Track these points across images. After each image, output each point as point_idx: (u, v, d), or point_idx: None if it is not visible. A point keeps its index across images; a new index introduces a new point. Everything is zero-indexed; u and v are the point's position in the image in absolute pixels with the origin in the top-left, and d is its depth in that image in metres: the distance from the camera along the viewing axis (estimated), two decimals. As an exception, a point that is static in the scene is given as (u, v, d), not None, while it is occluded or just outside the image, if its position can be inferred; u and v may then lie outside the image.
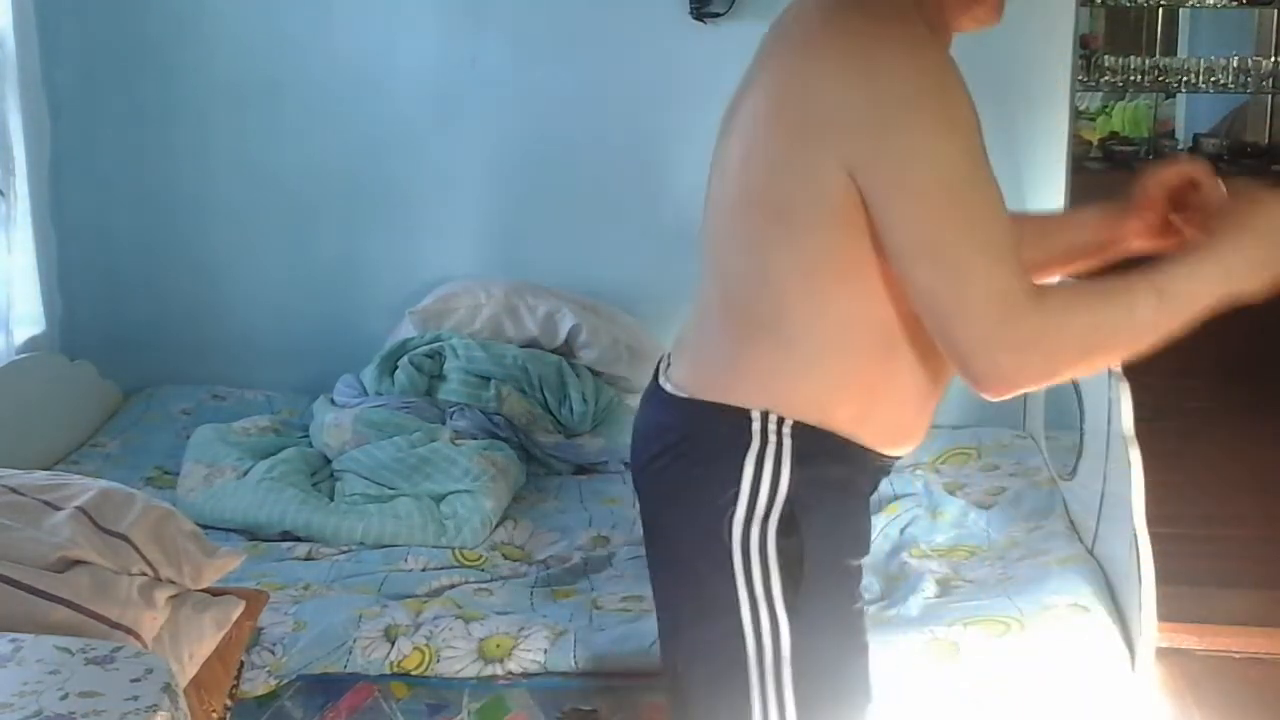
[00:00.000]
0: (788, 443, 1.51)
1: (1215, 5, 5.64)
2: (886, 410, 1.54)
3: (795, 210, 1.47)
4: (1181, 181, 1.65)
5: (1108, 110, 6.02)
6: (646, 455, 1.64)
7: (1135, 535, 2.29)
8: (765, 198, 1.50)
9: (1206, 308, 1.45)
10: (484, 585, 2.58)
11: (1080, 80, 4.64)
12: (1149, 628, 2.24)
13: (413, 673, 2.25)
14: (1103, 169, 5.56)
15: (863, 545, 1.60)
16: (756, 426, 1.51)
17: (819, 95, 1.44)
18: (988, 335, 1.38)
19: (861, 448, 1.54)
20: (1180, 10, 5.81)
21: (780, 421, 1.51)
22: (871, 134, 1.40)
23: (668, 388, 1.63)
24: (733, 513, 1.51)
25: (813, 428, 1.51)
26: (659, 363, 1.71)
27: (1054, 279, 1.73)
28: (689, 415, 1.58)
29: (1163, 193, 1.67)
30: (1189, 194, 1.64)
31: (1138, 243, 1.70)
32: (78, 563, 1.80)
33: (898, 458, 1.61)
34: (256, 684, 2.21)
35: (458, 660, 2.25)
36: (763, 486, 1.51)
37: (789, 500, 1.51)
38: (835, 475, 1.54)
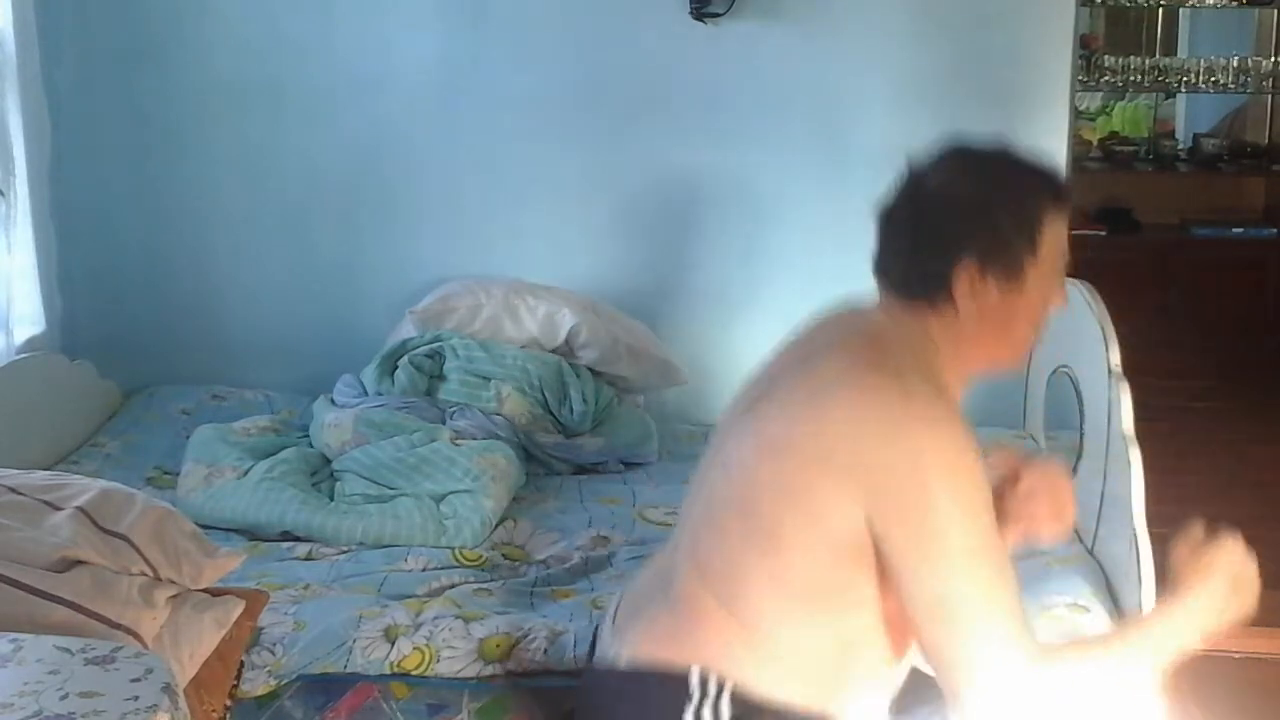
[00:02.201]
0: (726, 708, 1.60)
1: (1215, 5, 5.63)
2: (836, 704, 1.63)
3: (793, 534, 1.56)
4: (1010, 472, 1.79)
5: (1108, 110, 6.02)
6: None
7: (1135, 535, 2.29)
8: (764, 513, 1.58)
9: (1175, 657, 1.62)
10: (484, 585, 2.58)
11: (1080, 80, 4.64)
12: (1149, 628, 2.24)
13: (413, 673, 2.25)
14: (1103, 169, 5.57)
15: None
16: (695, 685, 1.60)
17: (845, 442, 1.53)
18: (985, 693, 1.50)
19: (804, 714, 1.61)
20: (1180, 10, 5.80)
21: (721, 684, 1.60)
22: (903, 493, 1.50)
23: (615, 665, 1.71)
24: None
25: (752, 698, 1.60)
26: (602, 626, 1.81)
27: None
28: (632, 682, 1.67)
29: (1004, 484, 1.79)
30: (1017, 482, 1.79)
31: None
32: (78, 563, 1.80)
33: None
34: (256, 684, 2.21)
35: (458, 660, 2.25)
36: None
37: None
38: None
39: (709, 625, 1.63)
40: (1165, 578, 1.73)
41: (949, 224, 1.59)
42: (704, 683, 1.60)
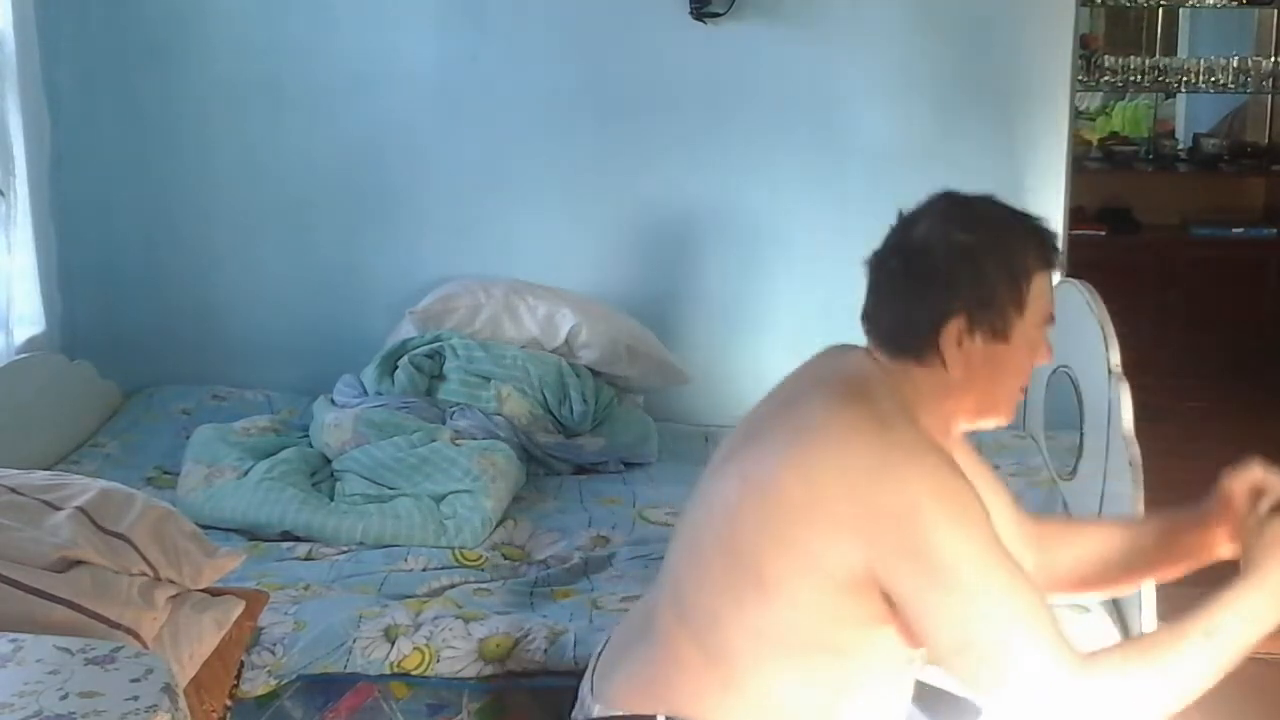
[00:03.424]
0: None
1: (1215, 5, 5.63)
2: (814, 713, 1.59)
3: (780, 582, 1.53)
4: (1255, 487, 1.69)
5: (1108, 110, 6.02)
6: None
7: (1135, 535, 2.29)
8: (748, 554, 1.56)
9: (1256, 639, 1.51)
10: (484, 585, 2.58)
11: (1080, 80, 4.64)
12: (1149, 628, 2.24)
13: (413, 673, 2.25)
14: (1103, 169, 5.57)
15: None
16: None
17: (834, 488, 1.50)
18: (1035, 712, 1.46)
19: None
20: (1180, 10, 5.80)
21: None
22: (903, 535, 1.47)
23: (591, 715, 1.69)
24: None
25: None
26: (583, 682, 1.78)
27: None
28: None
29: (1243, 498, 1.70)
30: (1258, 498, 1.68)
31: (1227, 549, 1.75)
32: (78, 563, 1.80)
33: None
34: (256, 684, 2.21)
35: (458, 660, 2.25)
36: None
37: None
38: None
39: (683, 668, 1.61)
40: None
41: (938, 277, 1.58)
42: None
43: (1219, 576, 1.55)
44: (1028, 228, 1.63)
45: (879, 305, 1.65)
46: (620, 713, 1.65)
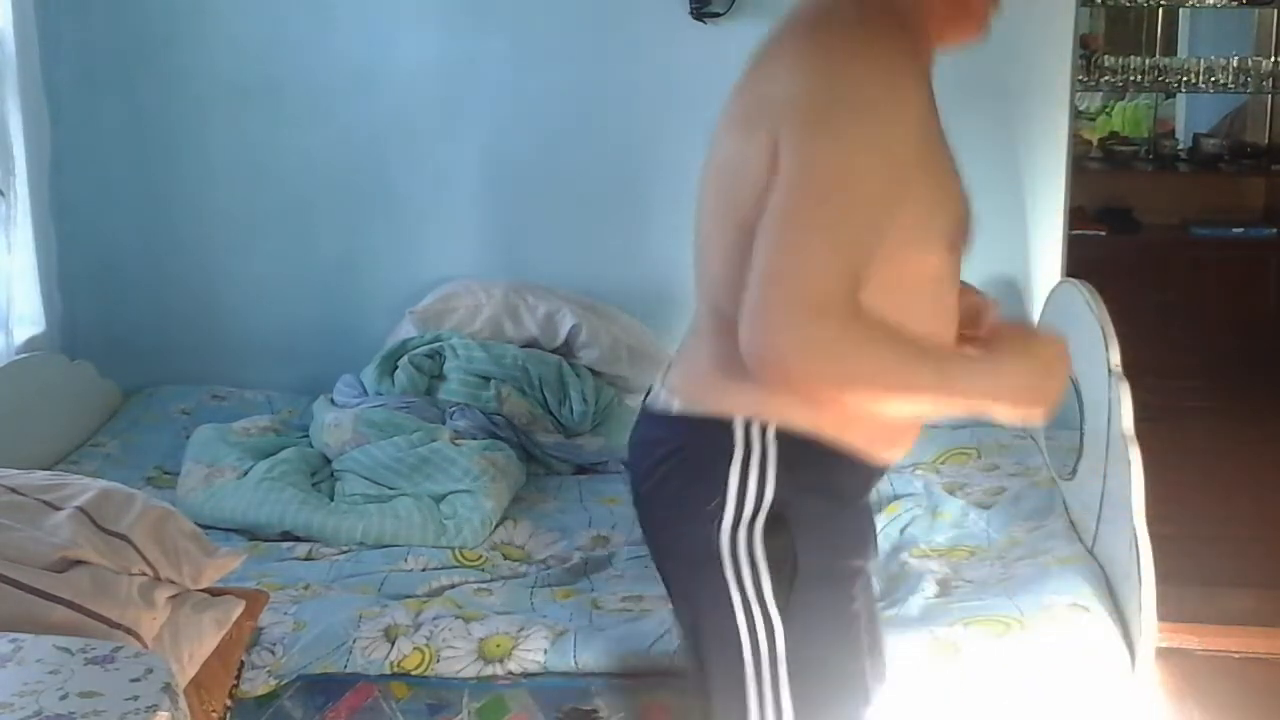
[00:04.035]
0: (772, 449, 1.52)
1: (1215, 5, 5.63)
2: (873, 415, 1.53)
3: (747, 209, 1.45)
4: (970, 309, 1.68)
5: (1108, 110, 6.02)
6: (640, 470, 1.66)
7: (1135, 535, 2.29)
8: (731, 201, 1.51)
9: (967, 406, 1.49)
10: (484, 585, 2.58)
11: (1080, 80, 4.63)
12: (1149, 627, 2.24)
13: (413, 673, 2.25)
14: (1103, 169, 5.56)
15: (862, 547, 1.61)
16: (740, 435, 1.52)
17: (767, 89, 1.48)
18: (784, 318, 1.36)
19: (849, 452, 1.55)
20: (1180, 10, 5.80)
21: (764, 428, 1.52)
22: (795, 125, 1.41)
23: (657, 403, 1.64)
24: (720, 519, 1.52)
25: (797, 434, 1.52)
26: (662, 371, 1.71)
27: None
28: (675, 430, 1.59)
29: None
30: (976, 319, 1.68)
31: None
32: (78, 563, 1.81)
33: (889, 463, 1.62)
34: (256, 684, 2.21)
35: (458, 660, 2.25)
36: (749, 493, 1.52)
37: (776, 504, 1.52)
38: (822, 479, 1.55)
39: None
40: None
41: None
42: (747, 427, 1.51)
43: (1219, 578, 1.55)
44: None
45: None
46: (694, 409, 1.56)
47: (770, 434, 1.52)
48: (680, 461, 1.58)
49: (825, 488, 1.55)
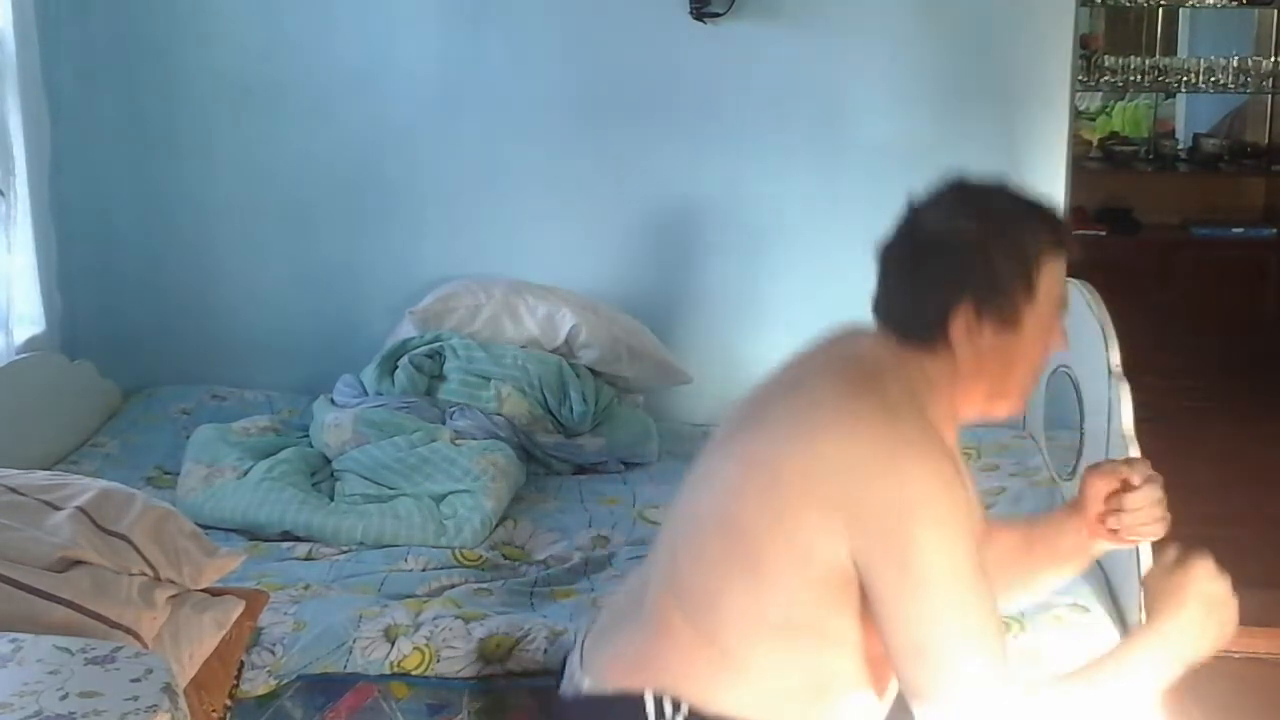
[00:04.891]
0: None
1: (1215, 5, 5.63)
2: (807, 694, 1.59)
3: (774, 564, 1.53)
4: (1115, 481, 1.76)
5: (1108, 110, 6.02)
6: None
7: (1135, 535, 2.29)
8: (747, 533, 1.56)
9: (1162, 682, 1.61)
10: (484, 585, 2.58)
11: (1080, 80, 4.64)
12: (1149, 628, 2.24)
13: (413, 673, 2.25)
14: (1103, 169, 5.57)
15: None
16: (650, 707, 1.58)
17: (834, 476, 1.51)
18: (975, 693, 1.49)
19: None
20: (1180, 10, 5.80)
21: (676, 706, 1.57)
22: (889, 534, 1.48)
23: (568, 689, 1.70)
24: None
25: (712, 717, 1.57)
26: (570, 655, 1.78)
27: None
28: (585, 713, 1.67)
29: (1100, 495, 1.78)
30: (1122, 492, 1.76)
31: (1101, 547, 1.84)
32: (78, 563, 1.80)
33: None
34: (256, 684, 2.21)
35: (458, 660, 2.25)
36: None
37: None
38: None
39: (674, 645, 1.61)
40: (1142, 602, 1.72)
41: (946, 265, 1.57)
42: (659, 705, 1.59)
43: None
44: (1038, 213, 1.61)
45: (888, 294, 1.64)
46: (609, 688, 1.64)
47: (683, 713, 1.57)
48: None
49: None
